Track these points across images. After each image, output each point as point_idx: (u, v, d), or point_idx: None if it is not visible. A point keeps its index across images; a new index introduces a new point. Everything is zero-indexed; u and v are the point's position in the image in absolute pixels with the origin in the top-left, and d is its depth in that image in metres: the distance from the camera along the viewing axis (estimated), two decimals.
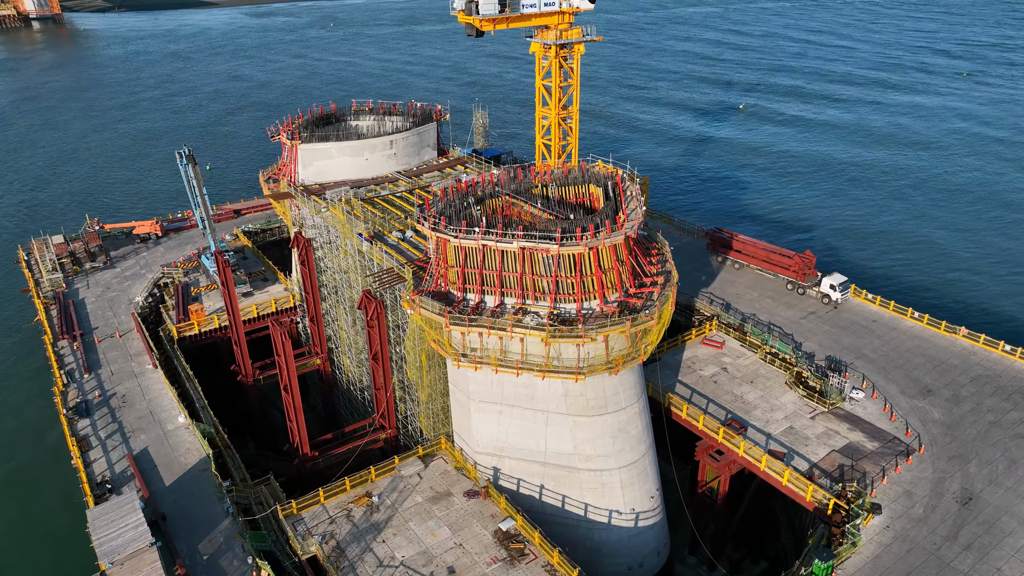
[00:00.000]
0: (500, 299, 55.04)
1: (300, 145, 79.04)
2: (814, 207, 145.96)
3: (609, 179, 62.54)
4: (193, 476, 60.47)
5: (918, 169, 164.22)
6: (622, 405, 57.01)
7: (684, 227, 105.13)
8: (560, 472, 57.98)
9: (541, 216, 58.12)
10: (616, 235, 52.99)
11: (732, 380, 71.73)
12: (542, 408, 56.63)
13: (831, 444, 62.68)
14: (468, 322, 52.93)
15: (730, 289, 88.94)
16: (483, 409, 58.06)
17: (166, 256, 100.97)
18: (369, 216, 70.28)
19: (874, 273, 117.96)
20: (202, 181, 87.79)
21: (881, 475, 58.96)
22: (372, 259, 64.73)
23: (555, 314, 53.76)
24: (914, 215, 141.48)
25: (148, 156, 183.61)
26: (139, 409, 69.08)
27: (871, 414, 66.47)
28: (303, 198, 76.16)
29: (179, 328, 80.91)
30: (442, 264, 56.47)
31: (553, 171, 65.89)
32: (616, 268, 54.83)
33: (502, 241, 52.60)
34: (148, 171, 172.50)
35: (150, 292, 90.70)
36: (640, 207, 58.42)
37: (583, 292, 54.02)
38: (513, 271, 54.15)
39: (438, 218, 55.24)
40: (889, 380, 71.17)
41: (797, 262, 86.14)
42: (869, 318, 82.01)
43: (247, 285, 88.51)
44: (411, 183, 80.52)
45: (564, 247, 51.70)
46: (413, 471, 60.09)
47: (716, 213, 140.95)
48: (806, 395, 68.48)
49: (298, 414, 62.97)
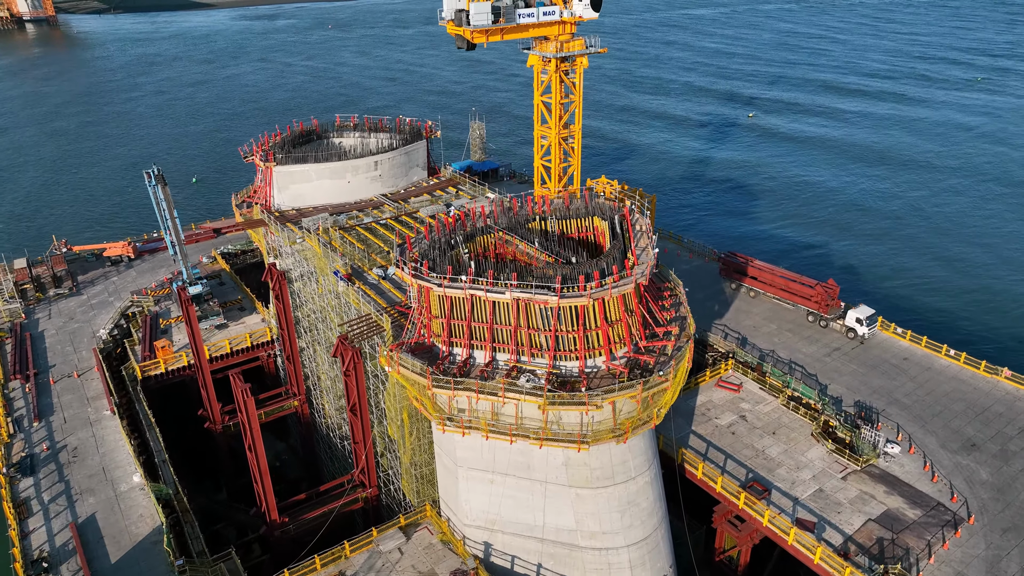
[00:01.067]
0: (491, 355, 47.81)
1: (275, 167, 71.90)
2: (835, 228, 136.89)
3: (616, 213, 55.30)
4: (144, 551, 53.27)
5: (949, 189, 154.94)
6: (631, 475, 49.78)
7: (694, 249, 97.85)
8: (560, 550, 50.75)
9: (539, 257, 50.89)
10: (625, 283, 45.77)
11: (752, 431, 64.44)
12: (540, 478, 49.42)
13: (867, 512, 55.36)
14: (454, 385, 45.70)
15: (746, 321, 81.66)
16: (472, 477, 50.86)
17: (138, 281, 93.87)
18: (348, 249, 63.07)
19: (903, 303, 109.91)
20: (172, 203, 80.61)
21: (927, 552, 51.65)
22: (349, 302, 57.51)
23: (554, 374, 46.52)
24: (948, 240, 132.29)
25: (124, 169, 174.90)
26: (91, 465, 61.91)
27: (910, 473, 59.14)
28: (277, 227, 68.97)
29: (143, 367, 73.75)
30: (425, 314, 49.27)
31: (553, 201, 58.68)
32: (624, 319, 47.58)
33: (493, 291, 45.39)
34: (124, 186, 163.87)
35: (116, 324, 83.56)
36: (651, 247, 51.17)
37: (587, 348, 46.80)
38: (506, 324, 46.95)
39: (420, 262, 48.02)
40: (927, 431, 63.85)
41: (819, 292, 78.87)
42: (900, 355, 74.70)
43: (220, 317, 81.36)
44: (397, 208, 73.32)
45: (565, 299, 44.48)
46: (393, 545, 52.88)
47: (728, 232, 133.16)
48: (835, 450, 61.17)
49: (264, 478, 55.83)
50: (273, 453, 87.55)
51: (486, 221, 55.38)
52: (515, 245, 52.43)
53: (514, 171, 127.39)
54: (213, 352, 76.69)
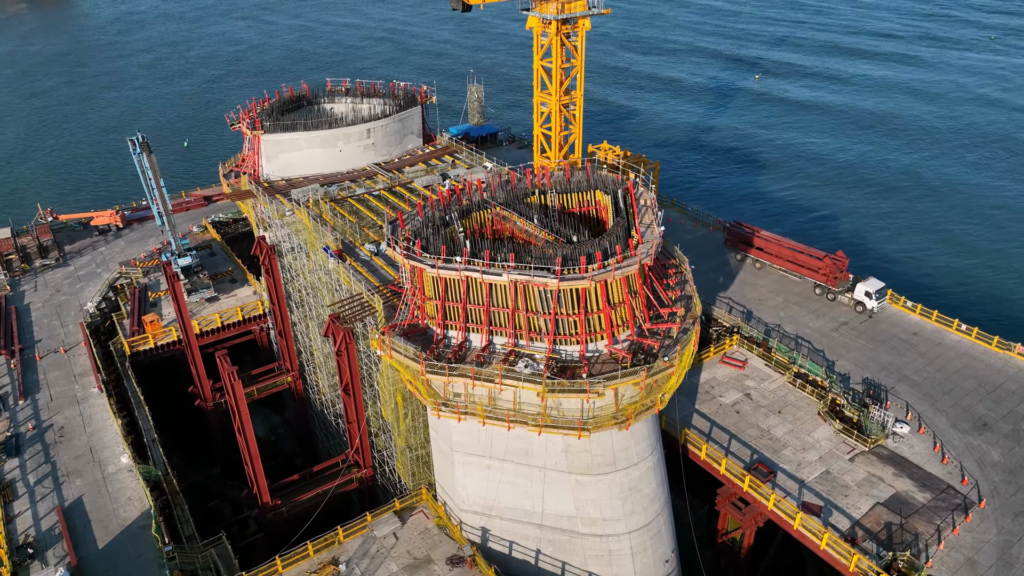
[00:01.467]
0: (488, 338, 45.64)
1: (263, 135, 68.80)
2: (845, 198, 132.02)
3: (619, 187, 52.57)
4: (132, 536, 51.87)
5: (964, 158, 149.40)
6: (634, 461, 48.05)
7: (699, 218, 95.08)
8: (559, 536, 49.31)
9: (538, 235, 48.34)
10: (629, 264, 43.35)
11: (757, 410, 62.66)
12: (539, 464, 47.70)
13: (875, 495, 53.83)
14: (448, 371, 43.61)
15: (751, 293, 79.39)
16: (469, 463, 49.16)
17: (126, 251, 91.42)
18: (339, 223, 60.46)
19: (914, 276, 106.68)
20: (158, 172, 77.69)
21: (937, 538, 50.25)
22: (339, 279, 55.13)
23: (554, 359, 44.40)
24: (962, 211, 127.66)
25: (110, 132, 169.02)
26: (78, 446, 60.30)
27: (919, 455, 57.51)
28: (265, 198, 66.21)
29: (132, 342, 71.71)
30: (418, 295, 46.94)
31: (553, 174, 55.89)
32: (628, 301, 45.29)
33: (489, 272, 42.99)
34: (111, 151, 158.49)
35: (104, 296, 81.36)
36: (656, 223, 48.60)
37: (588, 332, 44.59)
38: (504, 306, 44.66)
39: (412, 241, 45.52)
40: (937, 410, 62.07)
41: (828, 264, 76.41)
42: (910, 330, 72.59)
43: (211, 290, 79.03)
44: (391, 179, 70.42)
45: (566, 281, 42.11)
46: (388, 530, 51.46)
47: (734, 201, 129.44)
48: (843, 430, 59.44)
49: (255, 461, 54.16)
50: (268, 427, 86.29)
51: (483, 195, 52.69)
52: (513, 222, 49.86)
53: (513, 135, 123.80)
54: (203, 327, 74.61)
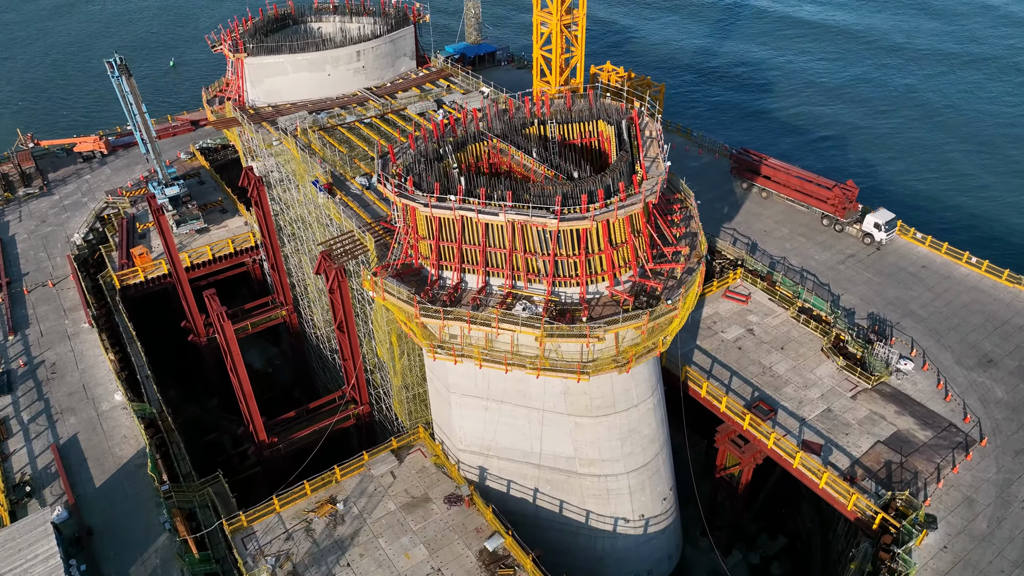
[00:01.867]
0: (485, 280, 43.90)
1: (246, 59, 64.98)
2: (856, 124, 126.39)
3: (623, 116, 49.63)
4: (128, 474, 51.69)
5: (980, 82, 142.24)
6: (633, 403, 47.22)
7: (704, 144, 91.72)
8: (558, 476, 49.06)
9: (537, 170, 45.83)
10: (633, 203, 41.13)
11: (759, 346, 61.63)
12: (537, 406, 46.90)
13: (876, 433, 53.37)
14: (443, 314, 42.07)
15: (756, 224, 77.22)
16: (466, 404, 48.38)
17: (112, 180, 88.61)
18: (329, 155, 57.71)
19: (925, 206, 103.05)
20: (139, 96, 74.12)
21: (936, 476, 50.03)
22: (329, 215, 52.92)
23: (553, 302, 42.80)
24: (979, 139, 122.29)
25: (88, 50, 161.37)
26: (70, 382, 59.56)
27: (922, 392, 56.80)
28: (251, 127, 63.09)
29: (121, 276, 70.05)
30: (412, 234, 44.90)
31: (553, 102, 52.78)
32: (631, 241, 43.31)
33: (485, 212, 40.84)
34: (91, 72, 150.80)
35: (91, 227, 79.25)
36: (662, 157, 46.02)
37: (589, 273, 42.82)
38: (501, 247, 42.72)
39: (404, 177, 43.10)
40: (943, 346, 61.03)
41: (837, 194, 73.88)
42: (918, 263, 70.82)
43: (200, 220, 76.75)
44: (383, 105, 67.00)
45: (566, 221, 40.02)
46: (385, 469, 51.22)
47: (741, 126, 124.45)
48: (846, 367, 58.56)
49: (249, 400, 53.41)
50: (265, 359, 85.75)
51: (478, 126, 49.83)
52: (511, 156, 47.24)
53: (512, 55, 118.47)
54: (194, 259, 72.83)
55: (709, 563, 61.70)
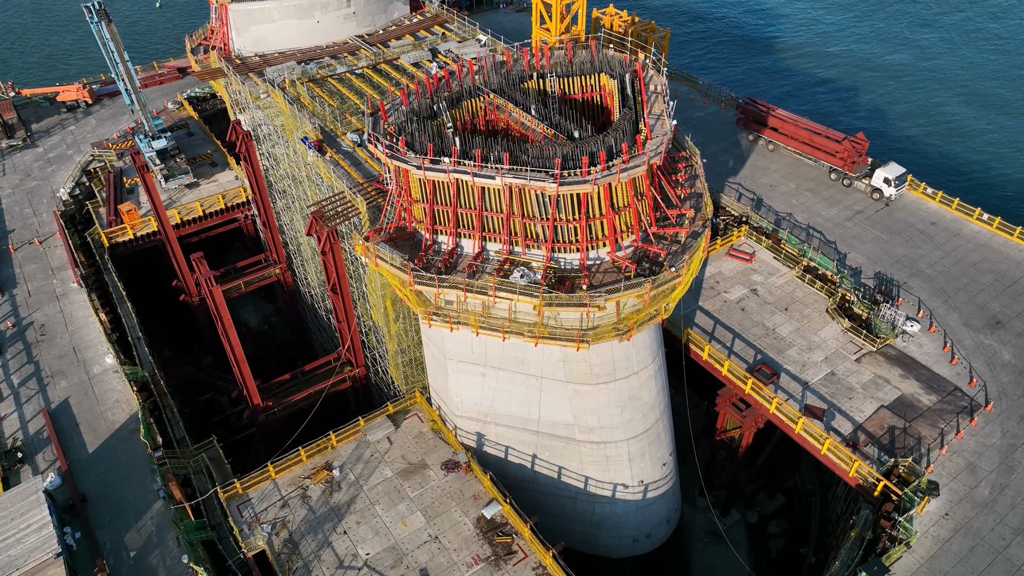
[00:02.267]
0: (481, 245, 42.23)
1: (230, 5, 61.68)
2: (868, 73, 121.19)
3: (627, 70, 47.06)
4: (121, 439, 50.99)
5: (995, 29, 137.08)
6: (634, 369, 46.13)
7: (709, 93, 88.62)
8: (556, 443, 48.37)
9: (536, 129, 43.59)
10: (636, 165, 39.14)
11: (763, 307, 60.31)
12: (535, 373, 45.83)
13: (880, 398, 52.51)
14: (438, 282, 40.54)
15: (762, 178, 74.98)
16: (463, 370, 47.30)
17: (98, 131, 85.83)
18: (319, 109, 55.21)
19: (937, 159, 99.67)
20: (121, 43, 71.00)
21: (940, 442, 49.36)
22: (319, 174, 50.81)
23: (552, 268, 41.22)
24: (996, 96, 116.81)
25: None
26: (60, 345, 58.44)
27: (928, 355, 55.73)
28: (237, 78, 60.30)
29: (110, 234, 68.25)
30: (405, 196, 42.99)
31: (553, 53, 50.09)
32: (633, 204, 41.46)
33: (481, 175, 38.87)
34: (74, 17, 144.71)
35: (77, 182, 77.00)
36: (668, 114, 43.74)
37: (589, 239, 41.12)
38: (498, 211, 40.89)
39: (396, 137, 40.94)
40: (950, 307, 59.69)
41: (846, 147, 71.43)
42: (927, 219, 68.92)
43: (189, 175, 74.48)
44: (375, 54, 63.97)
45: (566, 185, 38.10)
46: (382, 434, 50.53)
47: (748, 75, 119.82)
48: (851, 328, 57.36)
49: (242, 364, 52.35)
50: (260, 315, 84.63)
51: (474, 80, 47.32)
52: (508, 112, 44.90)
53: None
54: (183, 216, 70.89)
55: (707, 523, 61.83)
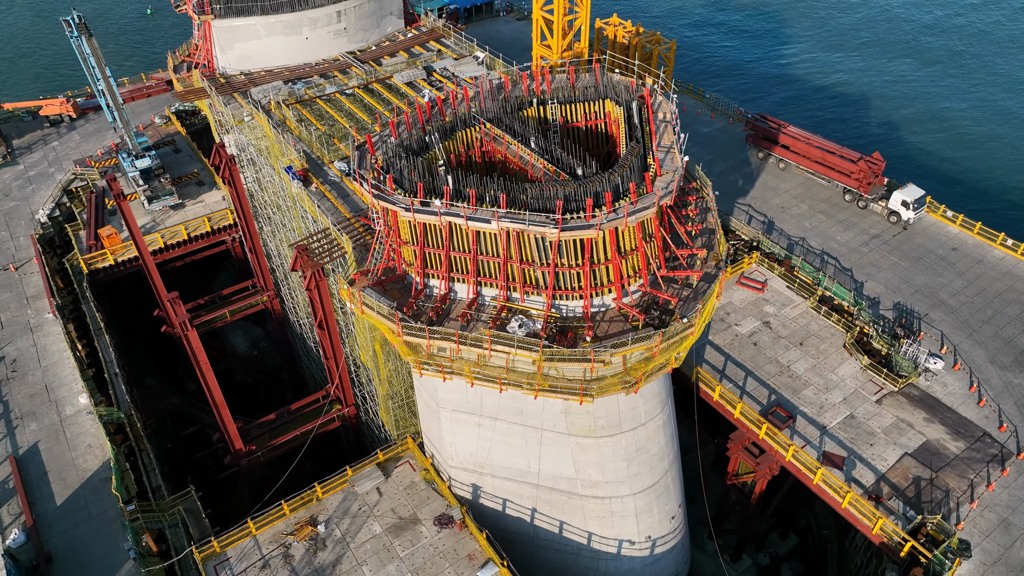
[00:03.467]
0: (476, 290, 38.92)
1: (213, 21, 58.37)
2: (884, 87, 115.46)
3: (633, 97, 43.72)
4: (93, 489, 47.70)
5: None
6: (641, 421, 42.80)
7: (717, 107, 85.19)
8: (558, 497, 45.04)
9: (535, 164, 40.25)
10: (645, 207, 35.81)
11: (777, 341, 56.95)
12: (535, 424, 42.51)
13: (903, 444, 49.14)
14: (429, 333, 37.22)
15: (773, 199, 71.62)
16: (457, 419, 43.99)
17: (82, 147, 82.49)
18: (305, 134, 51.90)
19: (957, 181, 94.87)
20: (102, 58, 67.75)
21: (970, 495, 46.00)
22: (303, 207, 47.52)
23: (553, 318, 37.89)
24: (1019, 112, 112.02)
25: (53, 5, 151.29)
26: (32, 382, 55.17)
27: (953, 395, 52.38)
28: (220, 99, 57.00)
29: (89, 259, 64.96)
30: (394, 237, 39.68)
31: (555, 76, 46.75)
32: (641, 247, 38.12)
33: (476, 218, 35.55)
34: (57, 29, 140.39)
35: (57, 203, 73.72)
36: (678, 147, 40.41)
37: (593, 285, 37.79)
38: (494, 255, 37.57)
39: (383, 175, 37.63)
40: (975, 342, 56.33)
41: (862, 168, 68.06)
42: (948, 245, 65.56)
43: (174, 196, 71.10)
44: (367, 72, 60.65)
45: (568, 231, 34.79)
46: (371, 486, 47.20)
47: (757, 88, 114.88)
48: (870, 366, 53.99)
49: (221, 409, 49.02)
50: (250, 340, 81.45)
51: (469, 107, 43.98)
52: (506, 144, 41.54)
53: (511, 5, 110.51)
54: (167, 240, 67.60)
55: (717, 568, 58.49)
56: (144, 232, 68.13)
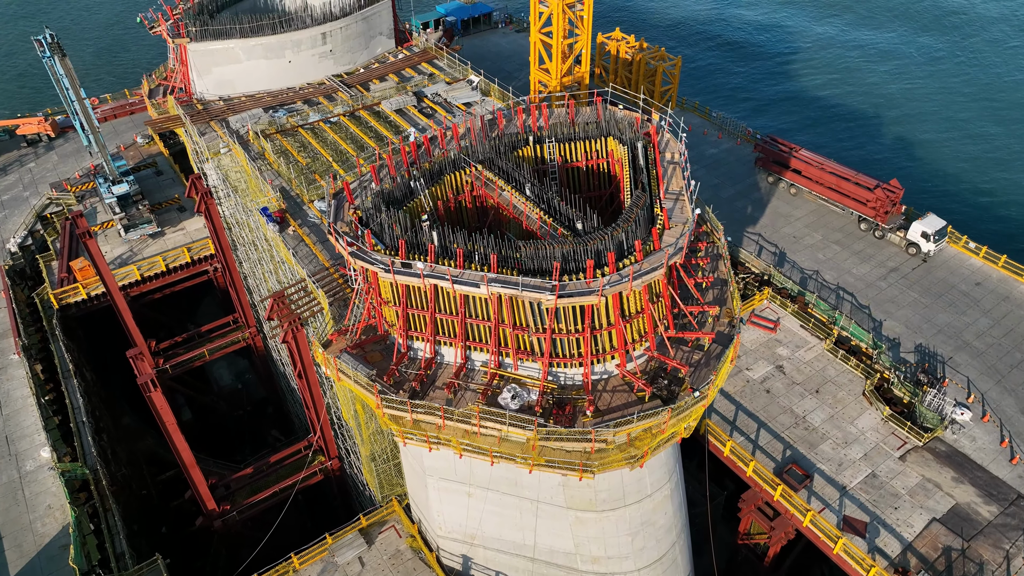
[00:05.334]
0: (465, 355, 35.15)
1: (189, 45, 54.63)
2: (901, 108, 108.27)
3: (638, 137, 39.93)
4: (51, 559, 43.97)
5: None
6: (647, 492, 39.02)
7: (724, 127, 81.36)
8: (556, 572, 41.24)
9: (530, 213, 36.46)
10: (653, 268, 32.01)
11: (791, 388, 53.15)
12: (530, 496, 38.75)
13: (931, 508, 45.31)
14: (411, 407, 33.43)
15: (784, 228, 67.84)
16: (445, 488, 40.22)
17: (60, 168, 78.84)
18: (285, 168, 48.15)
19: (980, 208, 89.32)
20: (76, 79, 64.18)
21: (1005, 568, 42.17)
22: (279, 254, 43.76)
23: (550, 389, 34.10)
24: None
25: (39, 15, 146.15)
26: None
27: (983, 451, 48.55)
28: (195, 129, 53.25)
29: (60, 294, 61.25)
30: (374, 295, 35.92)
31: (552, 111, 42.98)
32: (648, 309, 34.32)
33: (462, 282, 31.77)
34: (27, 43, 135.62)
35: (30, 230, 70.01)
36: (688, 195, 36.60)
37: (595, 353, 34.01)
38: (484, 319, 33.80)
39: (361, 229, 33.85)
40: (1004, 389, 52.52)
41: (879, 196, 64.23)
42: (971, 279, 61.75)
43: (152, 224, 67.39)
44: (353, 98, 56.90)
45: (567, 297, 31.00)
46: (352, 555, 43.43)
47: (767, 106, 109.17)
48: (891, 417, 50.20)
49: (191, 470, 45.23)
50: (235, 373, 77.62)
51: (459, 146, 40.22)
52: (498, 191, 37.77)
53: (511, 16, 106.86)
54: (145, 271, 63.90)
55: None
56: (120, 263, 64.57)
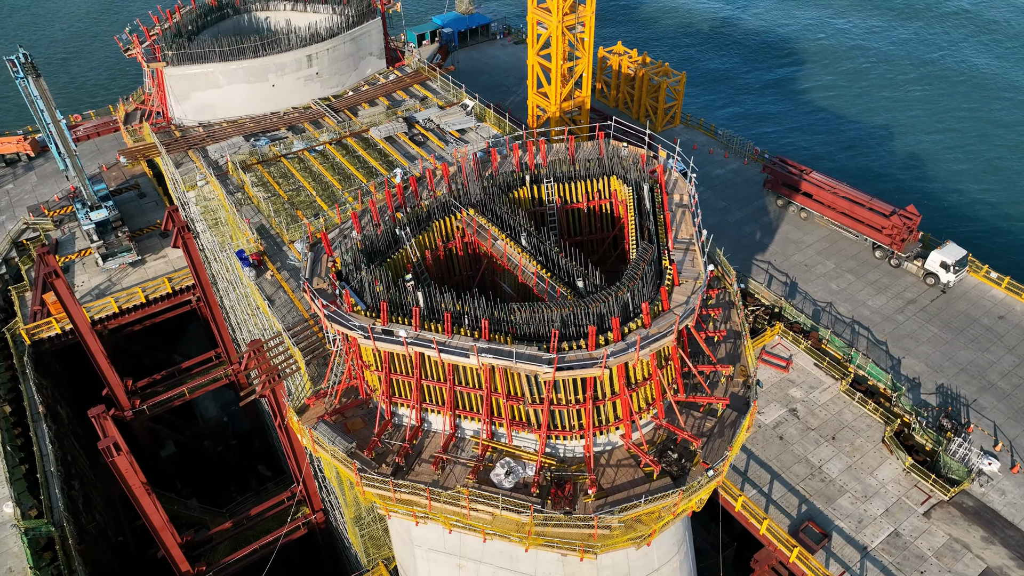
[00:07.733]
0: (454, 423, 31.93)
1: (166, 69, 51.43)
2: (920, 128, 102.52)
3: (645, 176, 36.71)
4: None
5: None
6: (655, 567, 35.76)
7: (731, 145, 78.11)
8: None
9: (525, 266, 33.21)
10: (661, 334, 28.77)
11: (805, 434, 49.92)
12: (527, 571, 35.45)
13: (960, 573, 42.06)
14: (393, 487, 30.21)
15: (795, 255, 64.64)
16: (435, 559, 36.96)
17: (39, 190, 75.66)
18: (265, 206, 44.95)
19: (1002, 236, 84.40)
20: (51, 100, 61.00)
21: None
22: (257, 305, 40.55)
23: (548, 464, 30.86)
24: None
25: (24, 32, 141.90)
26: None
27: (1015, 506, 45.30)
28: (171, 159, 50.06)
29: (32, 329, 58.07)
30: (355, 358, 32.69)
31: (551, 147, 39.76)
32: (655, 375, 31.09)
33: (450, 350, 28.54)
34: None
35: (5, 258, 66.85)
36: (699, 245, 33.37)
37: (597, 424, 30.77)
38: (475, 387, 30.57)
39: (340, 287, 30.63)
40: None
41: (895, 223, 61.02)
42: (994, 312, 58.54)
43: (132, 252, 64.17)
44: (341, 123, 53.68)
45: (566, 369, 27.76)
46: None
47: (776, 124, 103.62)
48: (913, 467, 46.97)
49: (161, 534, 41.97)
50: (219, 405, 74.43)
51: (449, 188, 37.02)
52: (491, 240, 34.54)
53: (509, 27, 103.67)
54: (122, 303, 60.70)
55: None
56: (97, 295, 61.46)
